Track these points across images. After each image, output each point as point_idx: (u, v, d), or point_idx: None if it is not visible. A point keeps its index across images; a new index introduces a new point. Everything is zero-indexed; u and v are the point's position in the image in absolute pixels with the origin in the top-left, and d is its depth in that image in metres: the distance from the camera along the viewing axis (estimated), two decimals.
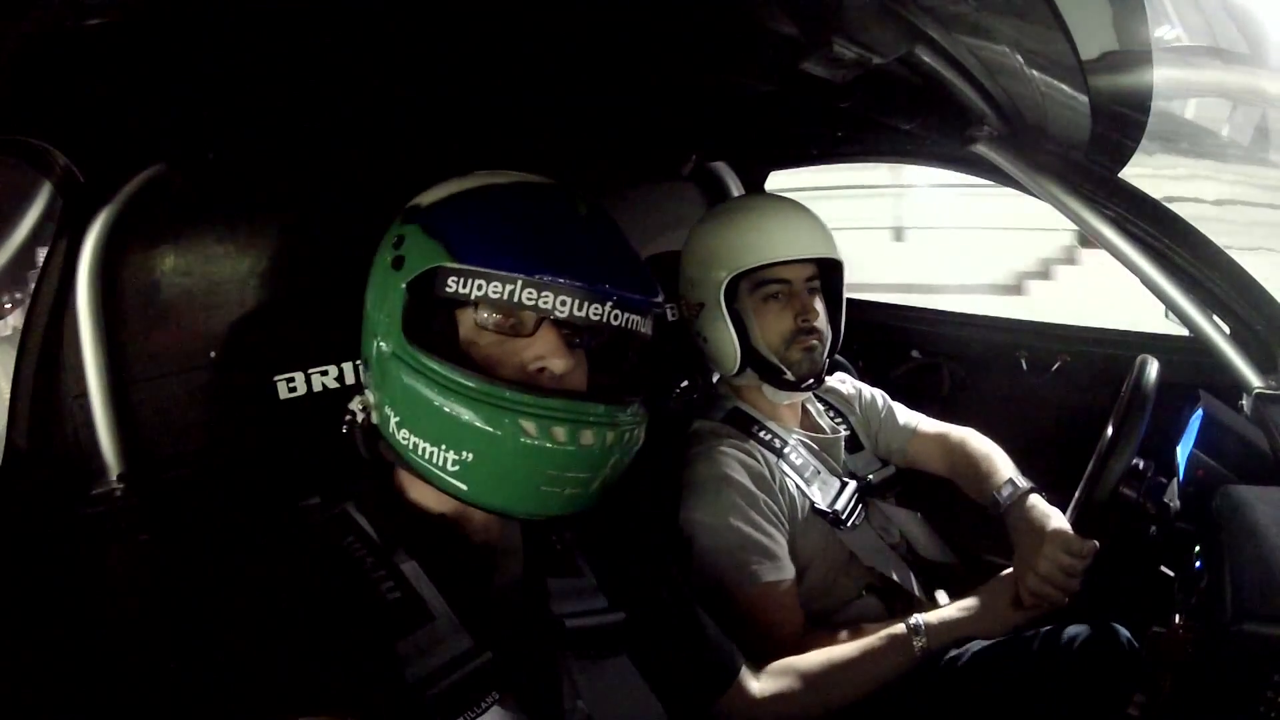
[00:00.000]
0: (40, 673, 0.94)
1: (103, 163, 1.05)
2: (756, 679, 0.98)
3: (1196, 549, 0.88)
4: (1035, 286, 6.76)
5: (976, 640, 1.00)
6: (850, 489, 1.26)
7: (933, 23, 0.84)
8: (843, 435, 1.34)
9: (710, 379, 1.41)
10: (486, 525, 0.81)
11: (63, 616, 1.00)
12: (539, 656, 0.76)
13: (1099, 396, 1.23)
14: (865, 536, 1.24)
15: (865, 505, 1.28)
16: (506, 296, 0.71)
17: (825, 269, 1.28)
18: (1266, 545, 0.76)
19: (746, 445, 1.22)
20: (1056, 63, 0.86)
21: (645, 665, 0.82)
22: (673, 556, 1.00)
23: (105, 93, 0.88)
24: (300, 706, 0.63)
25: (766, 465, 1.21)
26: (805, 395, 1.31)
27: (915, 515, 1.32)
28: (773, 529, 1.15)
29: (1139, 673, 0.83)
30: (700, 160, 1.78)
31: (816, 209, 1.29)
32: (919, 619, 1.02)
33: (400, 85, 1.07)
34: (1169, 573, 1.03)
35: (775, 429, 1.26)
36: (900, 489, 1.38)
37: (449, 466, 0.71)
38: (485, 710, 0.69)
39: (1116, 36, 0.81)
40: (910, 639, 1.00)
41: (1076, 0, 0.73)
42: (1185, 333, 1.05)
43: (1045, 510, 1.06)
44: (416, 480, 0.76)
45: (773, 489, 1.19)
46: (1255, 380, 0.97)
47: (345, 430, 0.81)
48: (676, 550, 1.13)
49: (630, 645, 0.82)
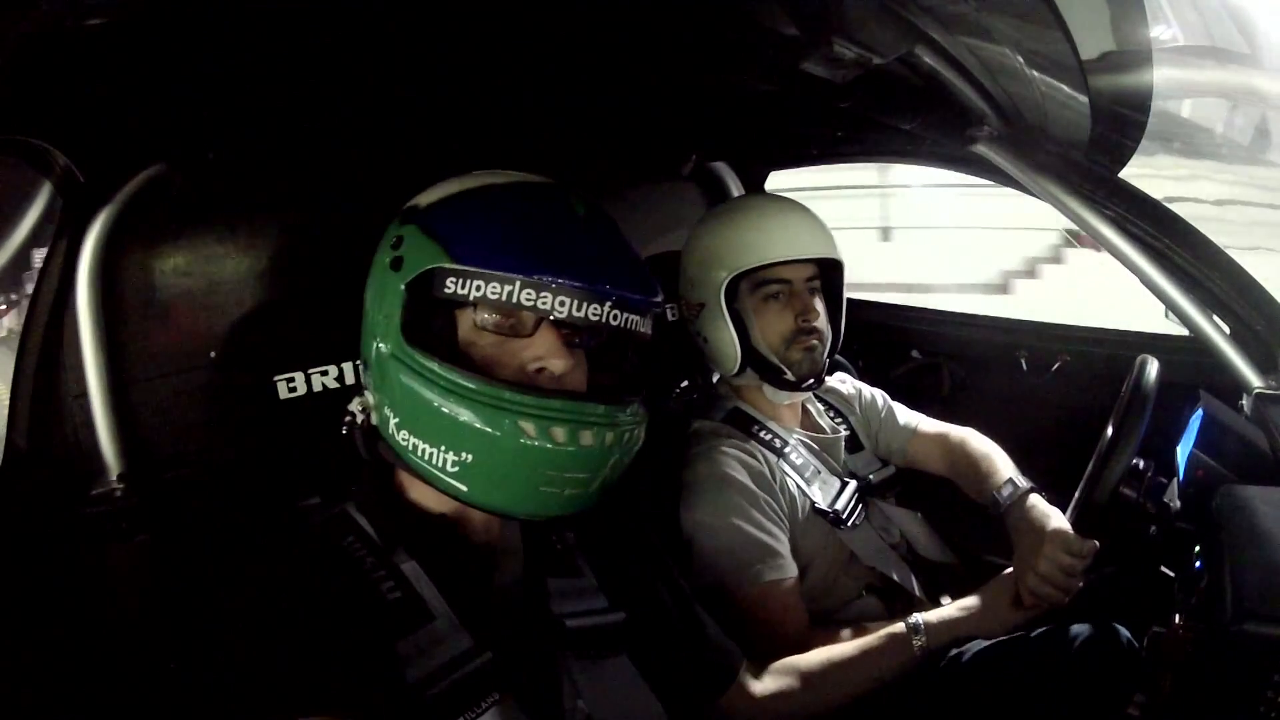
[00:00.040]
0: (40, 673, 0.94)
1: (103, 163, 1.05)
2: (757, 678, 0.98)
3: (1196, 549, 0.88)
4: (1021, 286, 6.79)
5: (976, 640, 1.00)
6: (850, 489, 1.26)
7: (933, 23, 0.84)
8: (843, 435, 1.34)
9: (710, 379, 1.41)
10: (487, 525, 0.81)
11: (63, 616, 1.00)
12: (539, 656, 0.76)
13: (1099, 396, 1.23)
14: (865, 536, 1.24)
15: (865, 505, 1.28)
16: (505, 297, 0.71)
17: (825, 269, 1.28)
18: (1266, 545, 0.76)
19: (747, 445, 1.22)
20: (1056, 63, 0.86)
21: (645, 665, 0.82)
22: (673, 557, 0.99)
23: (105, 93, 0.88)
24: (300, 706, 0.63)
25: (767, 465, 1.21)
26: (805, 395, 1.31)
27: (915, 515, 1.32)
28: (774, 527, 1.15)
29: (1139, 673, 0.83)
30: (700, 160, 1.78)
31: None
32: (919, 618, 1.02)
33: (400, 85, 1.07)
34: (1169, 573, 1.03)
35: (775, 429, 1.26)
36: (900, 489, 1.38)
37: (448, 467, 0.71)
38: (485, 710, 0.69)
39: (1116, 36, 0.81)
40: (910, 638, 1.00)
41: (1076, 0, 0.73)
42: (1185, 333, 1.05)
43: (1045, 510, 1.06)
44: (416, 480, 0.76)
45: (773, 488, 1.19)
46: (1255, 380, 0.96)
47: (345, 431, 0.81)
48: (677, 550, 1.13)
49: (630, 645, 0.82)
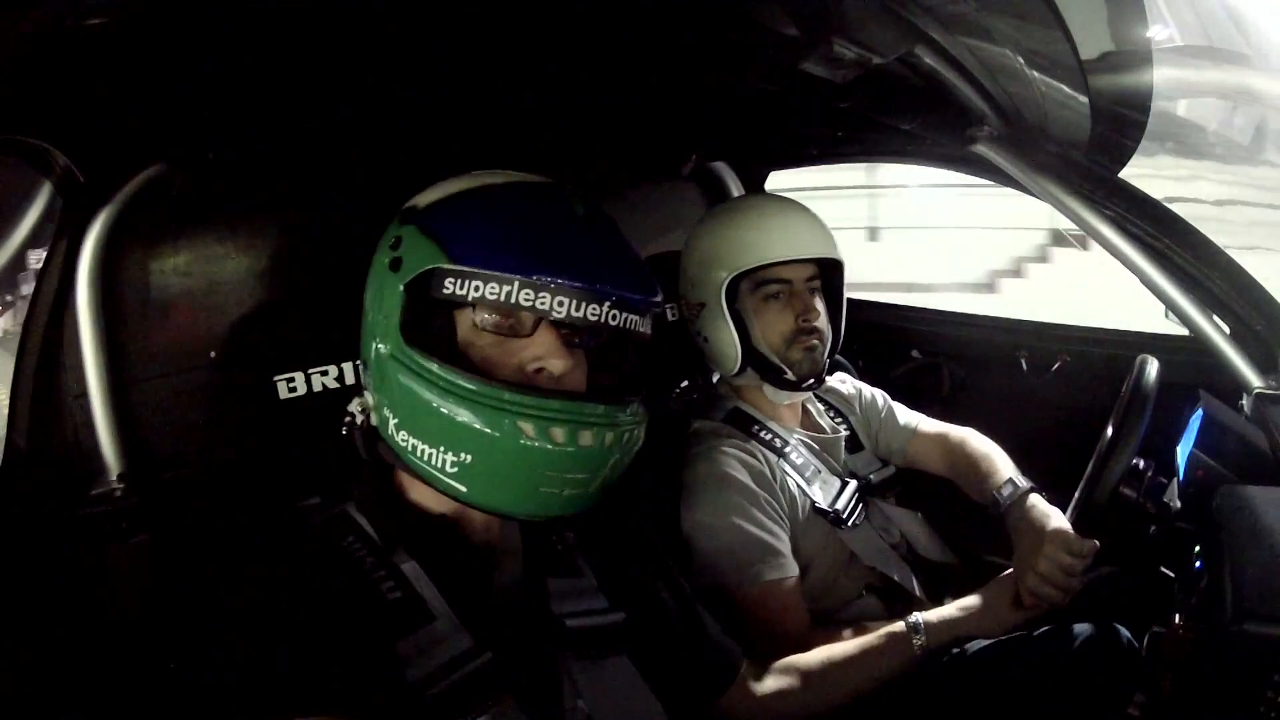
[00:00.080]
0: (40, 673, 0.94)
1: (103, 163, 1.05)
2: (758, 677, 0.98)
3: (1196, 549, 0.88)
4: (1008, 285, 6.81)
5: (976, 640, 1.00)
6: (851, 488, 1.26)
7: (933, 23, 0.84)
8: (843, 435, 1.34)
9: (710, 379, 1.41)
10: (487, 525, 0.81)
11: (63, 616, 1.00)
12: (539, 656, 0.76)
13: (1099, 396, 1.23)
14: (866, 536, 1.24)
15: (865, 505, 1.28)
16: (504, 297, 0.71)
17: (826, 269, 1.28)
18: (1267, 545, 0.76)
19: (747, 445, 1.22)
20: (1056, 63, 0.86)
21: (645, 665, 0.82)
22: (673, 556, 0.99)
23: (105, 93, 0.88)
24: (300, 706, 0.63)
25: (767, 464, 1.21)
26: (806, 395, 1.31)
27: (915, 515, 1.32)
28: (775, 527, 1.15)
29: (1139, 673, 0.83)
30: (700, 160, 1.78)
31: None
32: (919, 617, 1.02)
33: (400, 85, 1.07)
34: (1169, 573, 1.03)
35: (776, 429, 1.26)
36: (900, 489, 1.38)
37: (447, 468, 0.71)
38: (485, 710, 0.69)
39: (1115, 36, 0.81)
40: (910, 637, 1.00)
41: (1076, 0, 0.73)
42: (1185, 333, 1.05)
43: (1045, 510, 1.06)
44: (416, 481, 0.76)
45: (773, 487, 1.19)
46: (1255, 380, 0.96)
47: (345, 432, 0.81)
48: (677, 550, 1.13)
49: (630, 645, 0.82)
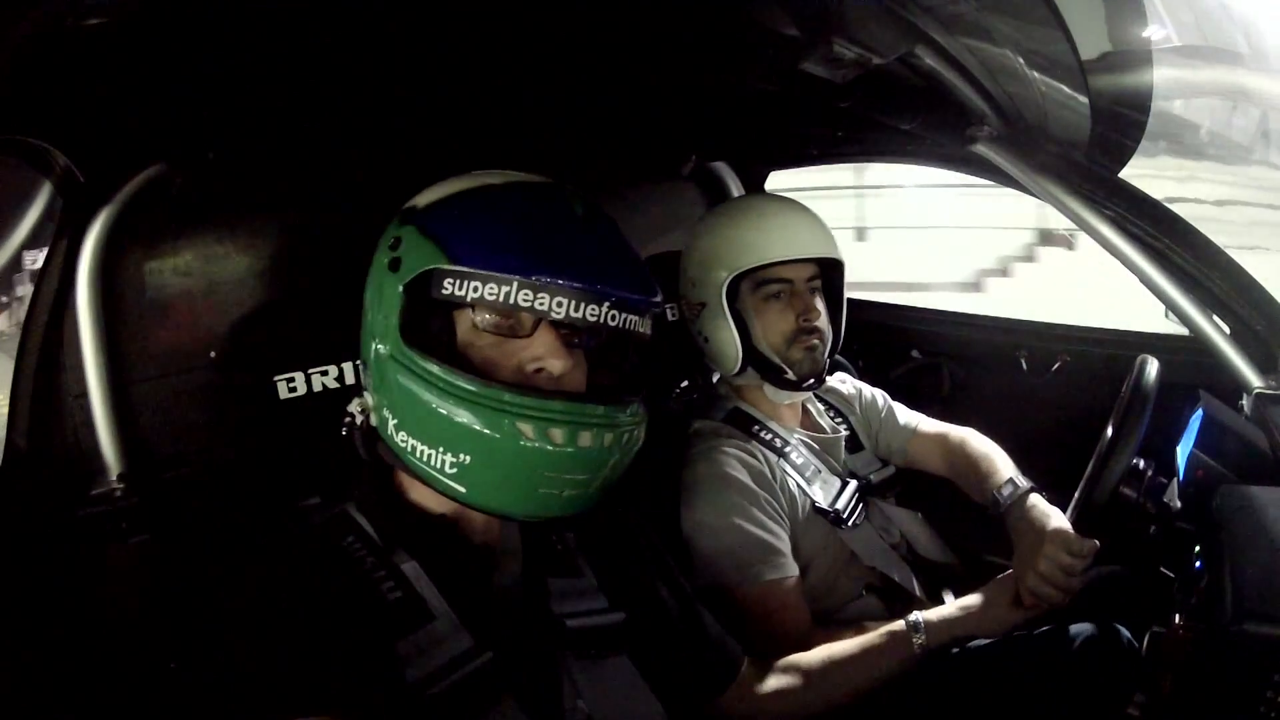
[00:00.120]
0: (40, 673, 0.94)
1: (103, 163, 1.05)
2: (758, 676, 0.98)
3: (1196, 549, 0.88)
4: (994, 284, 6.86)
5: (976, 640, 1.00)
6: (851, 488, 1.26)
7: (933, 23, 0.84)
8: (843, 435, 1.34)
9: (710, 379, 1.41)
10: (487, 526, 0.81)
11: (63, 616, 1.00)
12: (539, 656, 0.76)
13: (1099, 396, 1.23)
14: (866, 536, 1.24)
15: (865, 505, 1.28)
16: (503, 298, 0.70)
17: (826, 269, 1.28)
18: (1267, 545, 0.76)
19: (747, 445, 1.22)
20: (1056, 63, 0.86)
21: (645, 665, 0.82)
22: (673, 556, 0.99)
23: (105, 93, 0.88)
24: (300, 706, 0.63)
25: (767, 464, 1.21)
26: (806, 395, 1.31)
27: (915, 515, 1.32)
28: (775, 526, 1.15)
29: (1139, 673, 0.83)
30: (700, 160, 1.78)
31: None
32: (918, 616, 1.02)
33: (400, 85, 1.07)
34: (1169, 573, 1.03)
35: (776, 429, 1.26)
36: (900, 489, 1.38)
37: (447, 469, 0.71)
38: (486, 710, 0.69)
39: (1115, 36, 0.81)
40: (910, 636, 1.00)
41: (1076, 0, 0.73)
42: (1185, 333, 1.05)
43: (1045, 510, 1.06)
44: (416, 481, 0.76)
45: (773, 487, 1.19)
46: (1255, 380, 0.96)
47: (345, 432, 0.81)
48: (677, 550, 1.13)
49: (630, 645, 0.82)
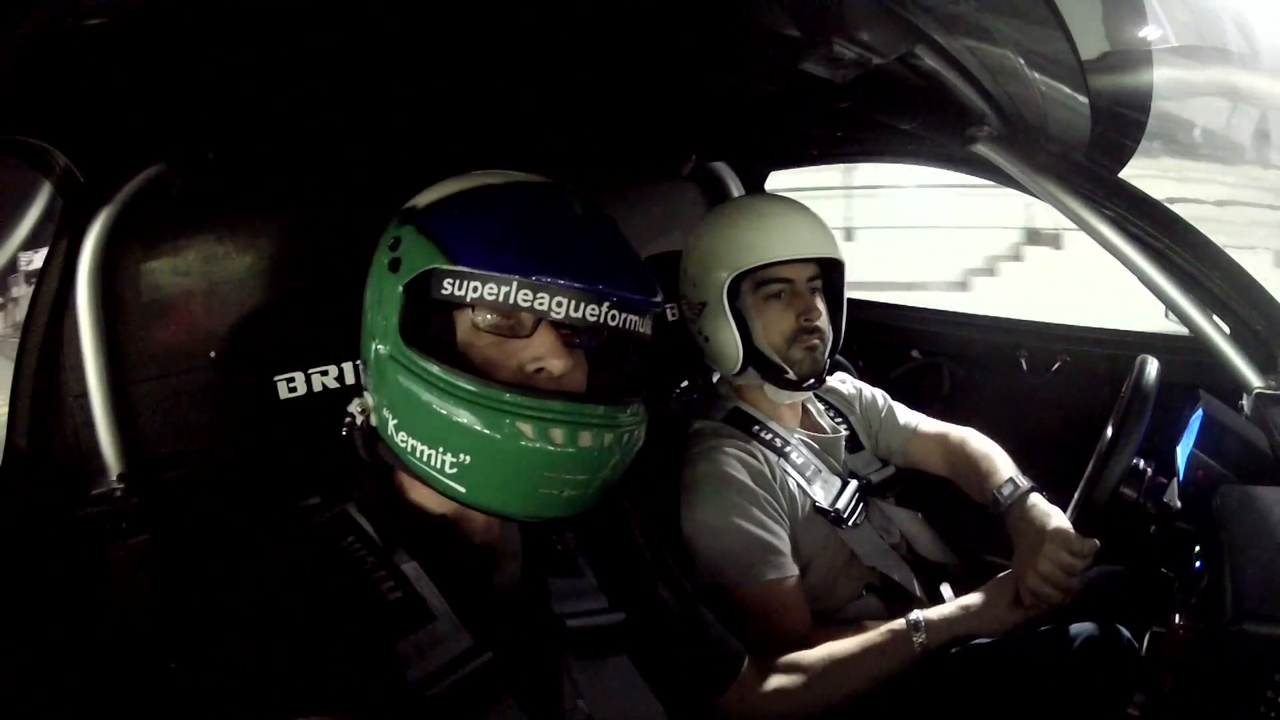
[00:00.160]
0: (40, 673, 0.94)
1: (103, 163, 1.05)
2: (758, 675, 0.98)
3: (1196, 549, 0.88)
4: (981, 283, 6.90)
5: (977, 639, 1.00)
6: (851, 488, 1.26)
7: (933, 23, 0.84)
8: (843, 435, 1.34)
9: (710, 379, 1.41)
10: (487, 526, 0.81)
11: (63, 616, 1.00)
12: (540, 656, 0.76)
13: (1099, 396, 1.23)
14: (866, 536, 1.24)
15: (866, 505, 1.28)
16: (503, 298, 0.70)
17: (826, 268, 1.28)
18: (1266, 545, 0.76)
19: (747, 445, 1.22)
20: (1056, 63, 0.86)
21: (646, 665, 0.82)
22: (674, 556, 0.99)
23: (105, 93, 0.88)
24: (300, 706, 0.63)
25: (767, 464, 1.21)
26: (806, 395, 1.31)
27: (915, 515, 1.32)
28: (775, 526, 1.15)
29: (1139, 673, 0.83)
30: (700, 160, 1.78)
31: None
32: (919, 615, 1.02)
33: (400, 85, 1.07)
34: (1169, 573, 1.03)
35: (776, 429, 1.26)
36: (900, 489, 1.38)
37: (447, 469, 0.71)
38: (486, 710, 0.69)
39: (1115, 36, 0.81)
40: (910, 635, 1.00)
41: (1076, 0, 0.74)
42: (1185, 333, 1.05)
43: (1046, 509, 1.06)
44: (416, 481, 0.76)
45: (773, 487, 1.19)
46: (1255, 380, 0.96)
47: (345, 432, 0.81)
48: (677, 550, 1.13)
49: (631, 645, 0.82)
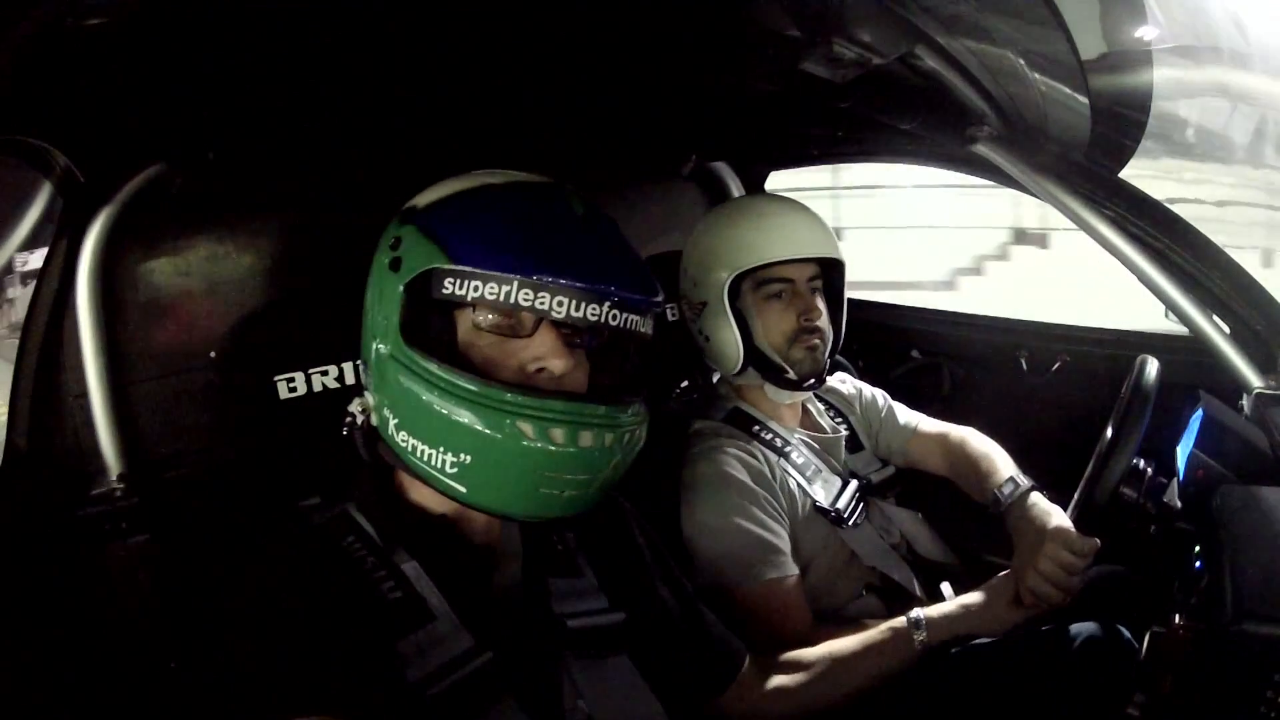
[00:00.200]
0: (40, 673, 0.94)
1: (103, 163, 1.05)
2: (758, 674, 0.98)
3: (1196, 549, 0.88)
4: (967, 282, 6.93)
5: (977, 639, 1.00)
6: (852, 488, 1.26)
7: (933, 23, 0.84)
8: (843, 435, 1.34)
9: (710, 379, 1.41)
10: (488, 526, 0.81)
11: (63, 616, 1.00)
12: (540, 656, 0.76)
13: (1099, 396, 1.22)
14: (866, 536, 1.24)
15: (866, 505, 1.28)
16: (503, 297, 0.70)
17: (826, 268, 1.28)
18: (1266, 545, 0.76)
19: (748, 445, 1.22)
20: (1056, 63, 0.86)
21: (646, 665, 0.82)
22: (674, 556, 1.00)
23: (105, 93, 0.88)
24: (300, 706, 0.63)
25: (767, 464, 1.21)
26: (806, 395, 1.31)
27: (915, 515, 1.32)
28: (775, 525, 1.15)
29: (1139, 673, 0.83)
30: (700, 160, 1.78)
31: None
32: (920, 613, 1.02)
33: (400, 85, 1.07)
34: (1169, 573, 1.03)
35: (776, 428, 1.26)
36: (900, 489, 1.38)
37: (447, 469, 0.71)
38: (486, 710, 0.69)
39: (1115, 37, 0.81)
40: (911, 633, 1.00)
41: (1076, 0, 0.74)
42: (1185, 332, 1.05)
43: (1046, 508, 1.06)
44: (417, 481, 0.76)
45: (773, 486, 1.19)
46: (1255, 380, 0.96)
47: (345, 432, 0.81)
48: (678, 551, 1.13)
49: (631, 645, 0.82)
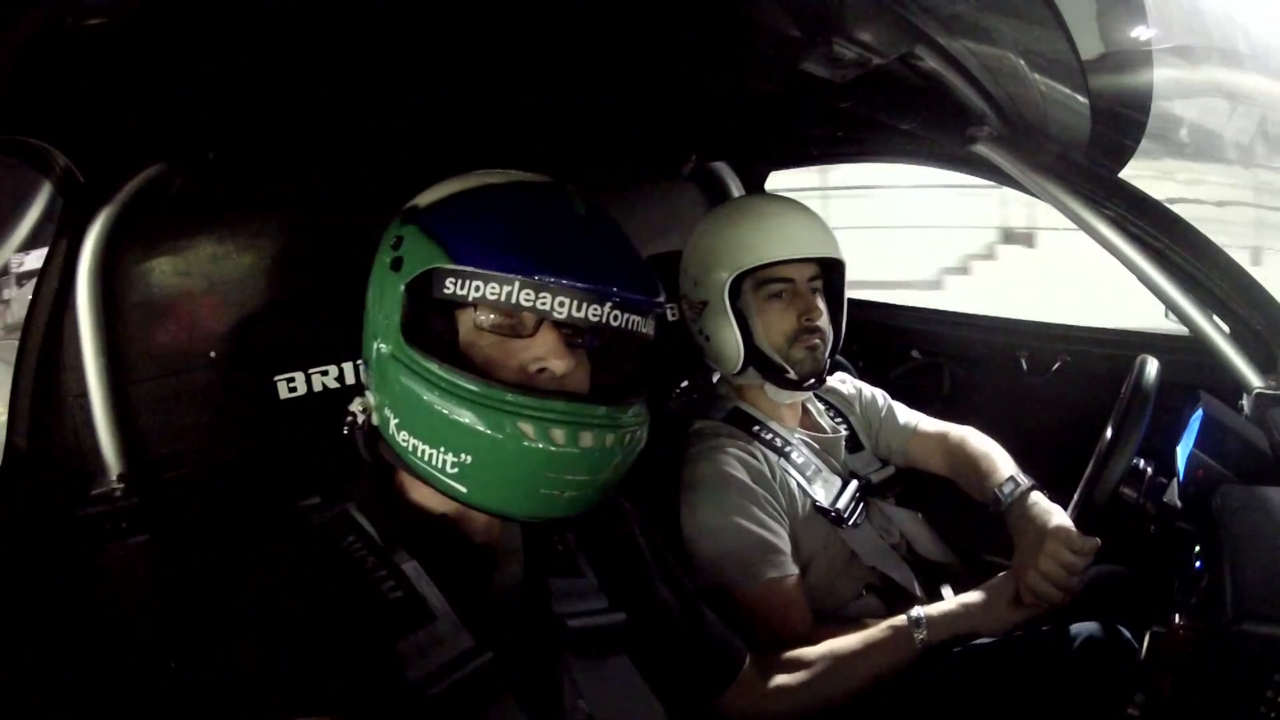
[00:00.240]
0: (40, 673, 0.94)
1: (103, 163, 1.05)
2: (759, 673, 0.98)
3: (1196, 549, 0.88)
4: (954, 281, 6.95)
5: (977, 639, 1.00)
6: (852, 488, 1.26)
7: (933, 23, 0.84)
8: (843, 435, 1.34)
9: (710, 379, 1.41)
10: (488, 526, 0.81)
11: (63, 616, 1.00)
12: (540, 656, 0.76)
13: (1099, 396, 1.22)
14: (866, 536, 1.24)
15: (866, 505, 1.28)
16: (505, 298, 0.70)
17: (826, 268, 1.28)
18: (1266, 545, 0.76)
19: (748, 445, 1.22)
20: (1056, 63, 0.86)
21: (646, 665, 0.82)
22: (674, 556, 1.00)
23: (105, 93, 0.88)
24: (300, 706, 0.63)
25: (767, 464, 1.21)
26: (806, 395, 1.31)
27: (915, 515, 1.32)
28: (775, 525, 1.15)
29: (1139, 673, 0.83)
30: (700, 160, 1.78)
31: None
32: (920, 612, 1.02)
33: (400, 85, 1.07)
34: (1169, 573, 1.03)
35: (776, 428, 1.26)
36: (900, 489, 1.38)
37: (448, 469, 0.71)
38: (486, 710, 0.69)
39: (1115, 37, 0.81)
40: (911, 631, 1.00)
41: (1076, 0, 0.74)
42: (1185, 332, 1.05)
43: (1047, 507, 1.06)
44: (417, 481, 0.76)
45: (773, 486, 1.19)
46: (1255, 380, 0.96)
47: (346, 432, 0.81)
48: (678, 550, 1.13)
49: (631, 645, 0.82)
